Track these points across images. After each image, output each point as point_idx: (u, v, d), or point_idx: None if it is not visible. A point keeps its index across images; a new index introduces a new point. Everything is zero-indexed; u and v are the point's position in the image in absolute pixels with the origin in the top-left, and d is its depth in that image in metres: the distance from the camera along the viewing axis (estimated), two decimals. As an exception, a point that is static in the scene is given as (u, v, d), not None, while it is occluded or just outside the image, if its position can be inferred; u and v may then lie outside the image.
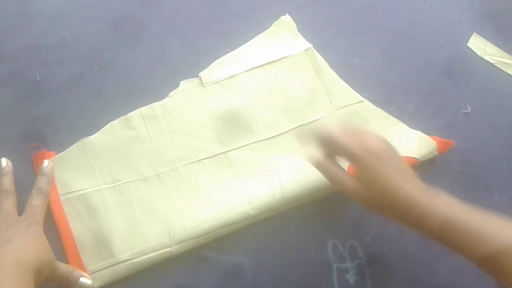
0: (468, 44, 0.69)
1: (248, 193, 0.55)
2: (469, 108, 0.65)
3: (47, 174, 0.53)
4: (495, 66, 0.68)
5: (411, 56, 0.67)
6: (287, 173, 0.57)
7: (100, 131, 0.57)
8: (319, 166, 0.51)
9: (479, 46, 0.69)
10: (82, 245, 0.52)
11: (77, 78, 0.61)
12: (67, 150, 0.56)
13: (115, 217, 0.53)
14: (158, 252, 0.52)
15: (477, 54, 0.68)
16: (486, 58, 0.68)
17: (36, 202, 0.50)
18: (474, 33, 0.69)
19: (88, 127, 0.57)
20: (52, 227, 0.52)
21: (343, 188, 0.49)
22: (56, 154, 0.56)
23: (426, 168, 0.61)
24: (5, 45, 0.62)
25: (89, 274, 0.50)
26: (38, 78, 0.61)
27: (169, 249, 0.52)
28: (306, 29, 0.65)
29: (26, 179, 0.54)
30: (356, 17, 0.68)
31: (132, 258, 0.52)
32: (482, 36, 0.70)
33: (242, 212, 0.54)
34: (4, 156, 0.54)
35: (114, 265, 0.51)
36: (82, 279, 0.49)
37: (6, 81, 0.60)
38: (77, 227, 0.52)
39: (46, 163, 0.53)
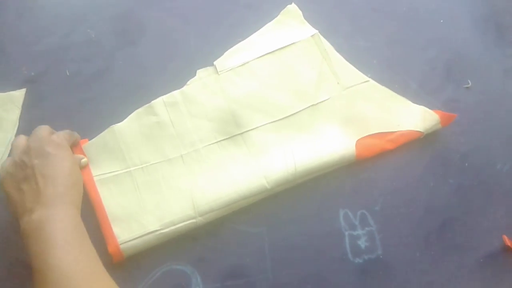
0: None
1: (263, 168, 0.60)
2: (470, 82, 0.69)
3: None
4: (493, 42, 0.71)
5: (413, 37, 0.71)
6: (299, 149, 0.61)
7: (127, 118, 0.62)
8: None
9: None
10: (114, 219, 0.57)
11: (103, 72, 0.66)
12: (98, 136, 0.61)
13: (144, 195, 0.59)
14: (184, 223, 0.57)
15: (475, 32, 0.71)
16: None
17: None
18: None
19: (115, 115, 0.63)
20: (88, 205, 0.58)
21: None
22: (89, 140, 0.61)
23: (430, 141, 0.65)
24: (36, 45, 0.67)
25: (121, 244, 0.55)
26: (68, 74, 0.66)
27: (194, 220, 0.57)
28: (312, 16, 0.69)
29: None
30: (359, 2, 0.72)
31: (161, 229, 0.57)
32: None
33: (259, 185, 0.59)
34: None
35: (144, 235, 0.56)
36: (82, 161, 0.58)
37: (39, 78, 0.66)
38: (110, 204, 0.58)
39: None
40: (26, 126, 0.63)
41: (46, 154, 0.51)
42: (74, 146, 0.59)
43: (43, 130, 0.54)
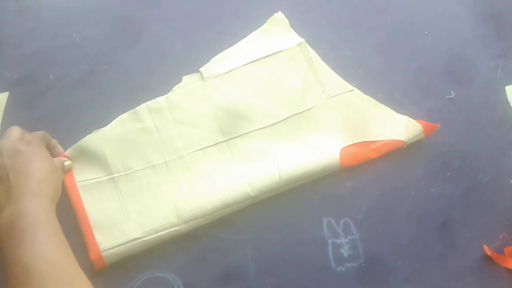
0: (506, 88, 0.71)
1: (248, 176, 0.60)
2: (452, 93, 0.70)
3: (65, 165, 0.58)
4: (476, 54, 0.73)
5: (397, 47, 0.72)
6: (283, 157, 0.62)
7: (111, 123, 0.61)
8: None
9: None
10: (97, 226, 0.56)
11: (87, 76, 0.66)
12: (81, 141, 0.60)
13: (127, 202, 0.58)
14: (168, 230, 0.57)
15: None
16: None
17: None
18: None
19: (99, 120, 0.62)
20: (70, 211, 0.57)
21: None
22: (70, 146, 0.60)
23: (413, 150, 0.66)
24: (21, 49, 0.67)
25: (104, 251, 0.55)
26: (51, 78, 0.66)
27: (177, 227, 0.57)
28: (298, 25, 0.70)
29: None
30: (345, 12, 0.73)
31: (144, 236, 0.56)
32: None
33: (243, 193, 0.59)
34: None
35: (126, 243, 0.56)
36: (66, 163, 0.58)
37: (22, 81, 0.65)
38: (92, 210, 0.57)
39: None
40: (8, 130, 0.62)
41: (17, 151, 0.51)
42: (53, 150, 0.59)
43: (14, 130, 0.54)
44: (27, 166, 0.50)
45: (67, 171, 0.58)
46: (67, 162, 0.58)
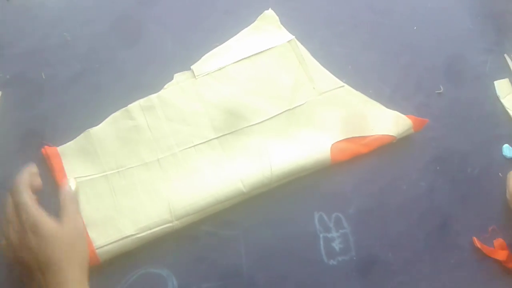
0: (495, 82, 0.73)
1: (240, 172, 0.60)
2: (442, 88, 0.71)
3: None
4: (465, 49, 0.74)
5: (387, 43, 0.73)
6: (275, 153, 0.62)
7: (103, 122, 0.62)
8: None
9: (503, 90, 0.73)
10: (90, 223, 0.57)
11: (79, 75, 0.66)
12: (74, 140, 0.61)
13: (120, 199, 0.59)
14: (161, 227, 0.57)
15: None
16: (502, 100, 0.72)
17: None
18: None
19: (91, 119, 0.62)
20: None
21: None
22: (63, 144, 0.61)
23: (403, 145, 0.67)
24: (12, 48, 0.67)
25: (98, 249, 0.55)
26: (43, 77, 0.66)
27: (170, 224, 0.58)
28: (288, 22, 0.70)
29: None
30: (335, 9, 0.74)
31: (137, 233, 0.57)
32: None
33: (235, 189, 0.59)
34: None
35: (120, 240, 0.56)
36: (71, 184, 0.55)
37: (14, 81, 0.65)
38: (85, 208, 0.57)
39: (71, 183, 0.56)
40: (1, 130, 0.62)
41: (29, 247, 0.48)
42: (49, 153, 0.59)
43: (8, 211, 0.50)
44: (47, 255, 0.48)
45: (74, 192, 0.55)
46: (72, 182, 0.56)
